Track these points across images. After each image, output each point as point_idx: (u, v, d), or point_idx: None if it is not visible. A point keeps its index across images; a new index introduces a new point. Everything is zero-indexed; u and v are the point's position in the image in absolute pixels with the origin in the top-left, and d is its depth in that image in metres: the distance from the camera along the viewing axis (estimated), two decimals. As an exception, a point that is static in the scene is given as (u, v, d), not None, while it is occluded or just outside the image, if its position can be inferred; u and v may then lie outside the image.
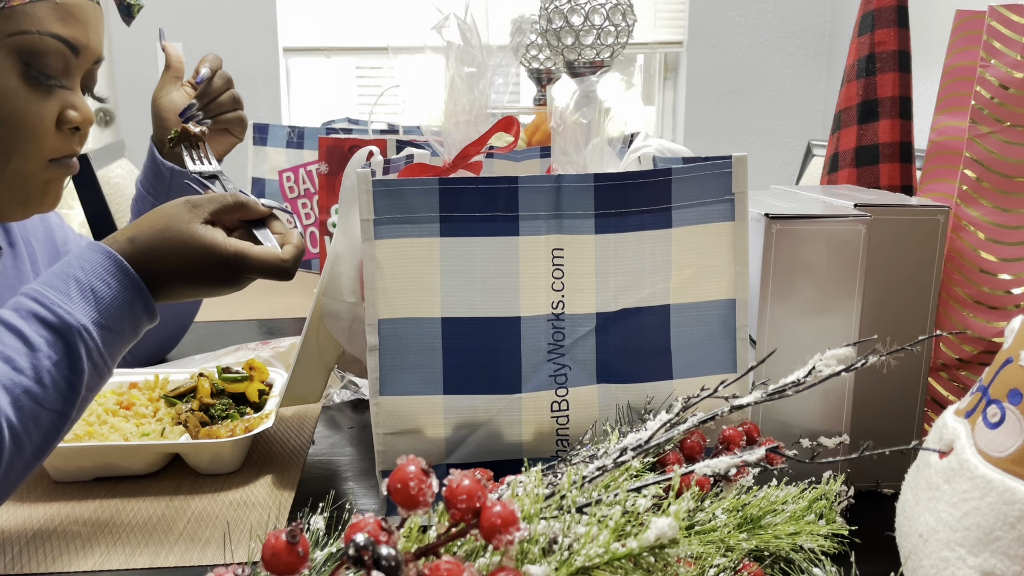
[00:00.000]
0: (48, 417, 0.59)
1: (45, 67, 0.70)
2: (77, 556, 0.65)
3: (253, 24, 3.14)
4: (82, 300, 0.62)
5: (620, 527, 0.43)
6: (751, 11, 3.30)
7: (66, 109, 0.73)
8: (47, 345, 0.59)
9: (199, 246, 0.66)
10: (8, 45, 0.68)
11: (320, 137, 1.18)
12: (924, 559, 0.49)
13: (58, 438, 0.61)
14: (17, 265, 0.88)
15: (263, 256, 0.67)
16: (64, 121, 0.73)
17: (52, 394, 0.59)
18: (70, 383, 0.60)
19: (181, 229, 0.66)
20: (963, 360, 0.75)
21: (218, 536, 0.68)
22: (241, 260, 0.66)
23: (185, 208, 0.68)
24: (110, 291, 0.63)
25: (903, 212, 0.70)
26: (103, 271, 0.63)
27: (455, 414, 0.64)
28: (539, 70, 1.80)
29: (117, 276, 0.64)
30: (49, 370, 0.59)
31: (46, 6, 0.69)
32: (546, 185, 0.63)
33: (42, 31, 0.69)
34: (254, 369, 0.89)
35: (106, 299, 0.63)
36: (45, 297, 0.61)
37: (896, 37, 0.92)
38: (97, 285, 0.63)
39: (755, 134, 3.38)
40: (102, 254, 0.64)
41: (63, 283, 0.62)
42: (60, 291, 0.62)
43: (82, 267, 0.63)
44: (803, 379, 0.53)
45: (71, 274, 0.63)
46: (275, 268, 0.68)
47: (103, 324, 0.62)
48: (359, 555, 0.37)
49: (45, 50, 0.69)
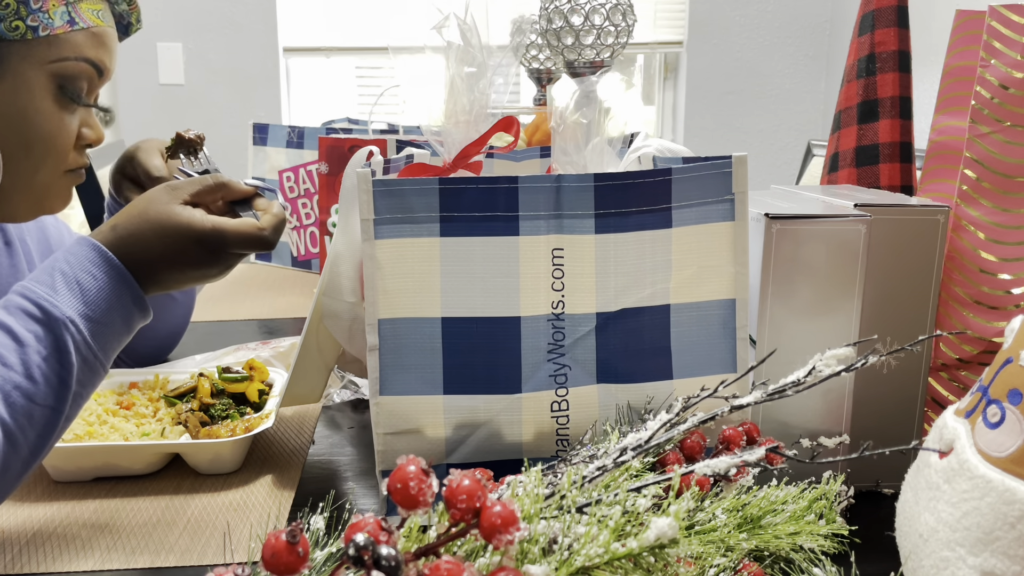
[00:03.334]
0: (42, 413, 0.59)
1: (79, 89, 0.74)
2: (77, 556, 0.65)
3: (253, 24, 3.14)
4: (68, 292, 0.62)
5: (620, 527, 0.43)
6: (751, 11, 3.30)
7: (84, 127, 0.77)
8: (35, 340, 0.59)
9: (176, 224, 0.66)
10: (49, 70, 0.72)
11: (320, 137, 1.18)
12: (924, 559, 0.49)
13: (54, 436, 0.61)
14: (13, 263, 0.88)
15: (240, 227, 0.68)
16: (81, 139, 0.77)
17: (43, 389, 0.59)
18: (60, 377, 0.60)
19: (159, 211, 0.67)
20: (963, 360, 0.75)
21: (218, 536, 0.68)
22: (219, 234, 0.67)
23: (165, 191, 0.69)
24: (96, 282, 0.63)
25: (903, 212, 0.70)
26: (88, 263, 0.64)
27: (455, 414, 0.64)
28: (539, 70, 1.80)
29: (102, 267, 0.64)
30: (39, 365, 0.59)
31: (83, 34, 0.73)
32: (546, 185, 0.63)
33: (79, 57, 0.73)
34: (254, 369, 0.89)
35: (92, 291, 0.63)
36: (31, 292, 0.61)
37: (896, 37, 0.92)
38: (82, 277, 0.63)
39: (755, 134, 3.38)
40: (87, 246, 0.65)
41: (49, 277, 0.62)
42: (46, 285, 0.62)
43: (68, 260, 0.64)
44: (803, 379, 0.53)
45: (57, 268, 0.63)
46: (254, 238, 0.68)
47: (90, 316, 0.62)
48: (359, 555, 0.37)
49: (79, 74, 0.74)
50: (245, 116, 3.00)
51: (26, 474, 0.60)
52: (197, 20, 3.11)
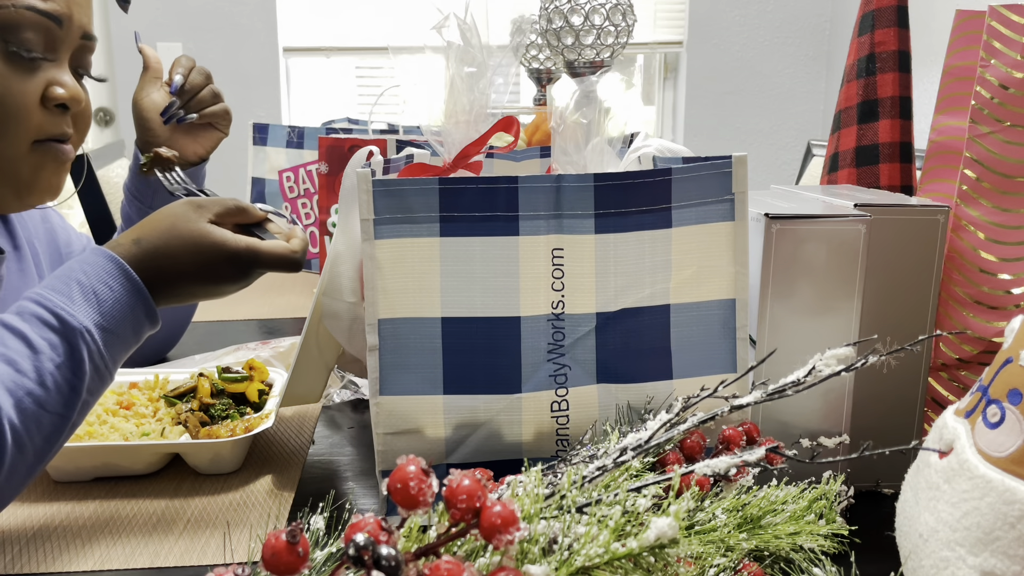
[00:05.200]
0: (50, 420, 0.59)
1: (25, 42, 0.69)
2: (77, 556, 0.65)
3: (253, 24, 3.14)
4: (84, 302, 0.62)
5: (620, 527, 0.43)
6: (751, 11, 3.30)
7: (51, 86, 0.71)
8: (49, 347, 0.59)
9: (211, 243, 0.67)
10: None
11: (320, 137, 1.18)
12: (924, 559, 0.49)
13: (59, 441, 0.61)
14: (22, 268, 0.88)
15: (274, 249, 0.69)
16: (49, 98, 0.71)
17: (54, 396, 0.59)
18: (72, 385, 0.60)
19: (191, 228, 0.67)
20: (963, 360, 0.75)
21: (218, 536, 0.68)
22: (252, 254, 0.68)
23: (190, 208, 0.69)
24: (112, 294, 0.63)
25: (903, 212, 0.70)
26: (105, 274, 0.64)
27: (455, 414, 0.64)
28: (539, 70, 1.80)
29: (119, 279, 0.64)
30: (52, 372, 0.59)
31: None
32: (546, 185, 0.63)
33: (17, 4, 0.67)
34: (254, 369, 0.89)
35: (108, 302, 0.63)
36: (48, 300, 0.61)
37: (896, 37, 0.92)
38: (99, 288, 0.63)
39: (755, 134, 3.38)
40: (104, 257, 0.65)
41: (65, 286, 0.62)
42: (63, 294, 0.62)
43: (84, 271, 0.64)
44: (803, 379, 0.53)
45: (74, 277, 0.63)
46: (286, 260, 0.70)
47: (105, 327, 0.62)
48: (359, 555, 0.37)
49: (22, 23, 0.68)
50: (245, 116, 2.99)
51: (30, 478, 0.61)
52: (197, 20, 3.11)
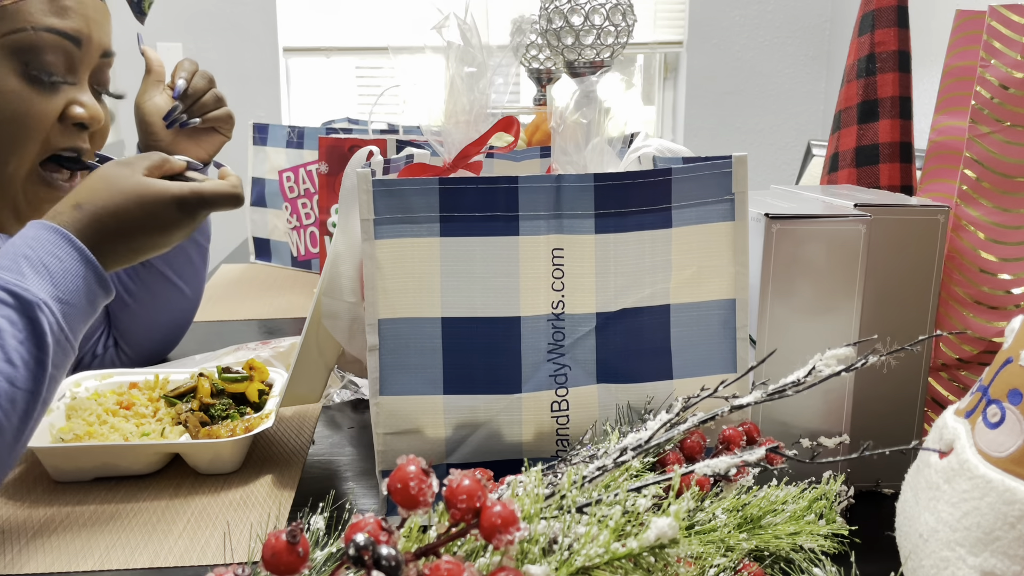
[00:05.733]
0: (23, 397, 0.59)
1: (46, 65, 0.69)
2: (77, 556, 0.65)
3: (253, 24, 3.14)
4: (36, 276, 0.61)
5: (620, 527, 0.43)
6: (751, 11, 3.30)
7: (71, 105, 0.72)
8: (9, 324, 0.59)
9: (154, 193, 0.67)
10: (4, 45, 0.67)
11: (320, 137, 1.18)
12: (924, 559, 0.49)
13: (33, 420, 0.61)
14: None
15: (217, 187, 0.71)
16: (69, 117, 0.72)
17: (23, 373, 0.59)
18: (38, 360, 0.60)
19: (131, 183, 0.67)
20: (963, 360, 0.75)
21: (218, 536, 0.68)
22: (197, 196, 0.69)
23: (122, 166, 0.69)
24: (61, 265, 0.63)
25: (903, 212, 0.70)
26: (52, 246, 0.63)
27: (455, 414, 0.64)
28: (539, 70, 1.81)
29: (66, 249, 0.63)
30: (16, 348, 0.59)
31: (38, 1, 0.68)
32: (546, 185, 0.63)
33: (36, 27, 0.68)
34: (254, 369, 0.89)
35: (59, 273, 0.62)
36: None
37: (896, 37, 0.92)
38: (48, 260, 0.62)
39: (755, 134, 3.38)
40: (47, 230, 0.64)
41: (13, 263, 0.62)
42: (12, 271, 0.61)
43: (30, 245, 0.63)
44: (803, 379, 0.53)
45: (20, 253, 0.62)
46: (230, 196, 0.71)
47: (60, 298, 0.62)
48: (359, 555, 0.37)
49: (42, 46, 0.68)
50: (245, 116, 2.98)
51: (11, 461, 0.60)
52: (197, 20, 3.11)
